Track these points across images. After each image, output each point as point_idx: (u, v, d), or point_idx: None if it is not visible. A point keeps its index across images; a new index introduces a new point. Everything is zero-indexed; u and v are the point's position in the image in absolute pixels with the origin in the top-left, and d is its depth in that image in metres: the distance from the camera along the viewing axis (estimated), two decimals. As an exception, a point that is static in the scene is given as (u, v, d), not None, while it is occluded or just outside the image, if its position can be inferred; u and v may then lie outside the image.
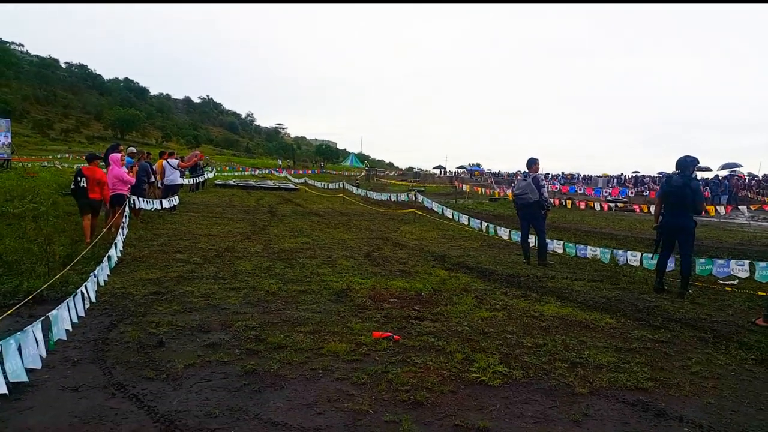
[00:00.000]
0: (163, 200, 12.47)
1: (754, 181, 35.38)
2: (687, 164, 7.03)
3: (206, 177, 26.33)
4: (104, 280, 5.90)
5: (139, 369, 3.81)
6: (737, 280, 7.48)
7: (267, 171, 48.86)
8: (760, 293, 6.93)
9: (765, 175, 38.00)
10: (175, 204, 13.60)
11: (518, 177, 9.45)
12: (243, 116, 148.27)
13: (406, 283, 6.84)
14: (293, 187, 30.88)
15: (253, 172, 45.11)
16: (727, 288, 7.36)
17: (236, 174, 41.50)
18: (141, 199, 10.89)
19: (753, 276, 7.11)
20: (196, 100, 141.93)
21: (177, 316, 5.07)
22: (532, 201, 8.80)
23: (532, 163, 9.06)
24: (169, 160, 14.96)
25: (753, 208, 17.19)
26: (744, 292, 7.13)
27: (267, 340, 4.46)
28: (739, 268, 7.21)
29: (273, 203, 19.81)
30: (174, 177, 14.96)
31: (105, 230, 8.50)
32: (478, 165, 67.08)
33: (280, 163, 70.11)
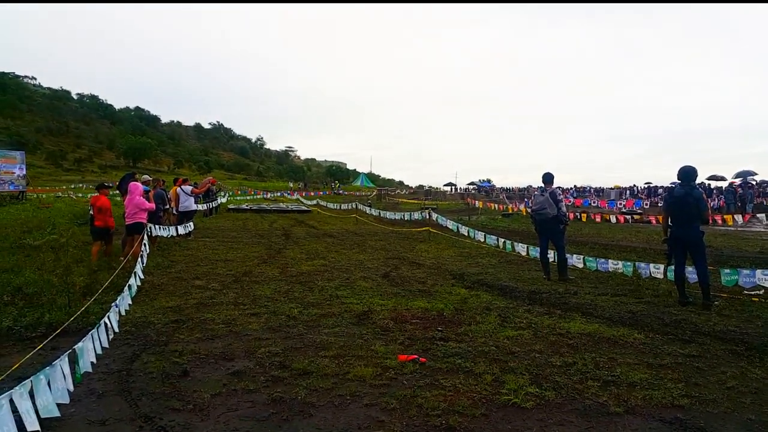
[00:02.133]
0: (179, 227, 12.52)
1: (770, 189, 34.97)
2: (688, 174, 6.98)
3: (219, 202, 26.49)
4: (125, 310, 5.89)
5: (165, 400, 3.77)
6: (763, 290, 7.33)
7: (279, 194, 49.12)
8: (789, 303, 6.77)
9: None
10: (191, 230, 13.65)
11: (535, 192, 9.37)
12: (253, 140, 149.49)
13: (427, 303, 6.76)
14: (306, 209, 30.97)
15: (265, 196, 45.34)
16: (753, 299, 7.20)
17: (248, 198, 41.73)
18: (158, 226, 10.94)
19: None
20: (206, 126, 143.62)
21: (200, 344, 5.03)
22: (550, 216, 8.72)
23: (550, 178, 9.00)
24: (182, 186, 15.05)
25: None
26: (772, 302, 6.97)
27: (292, 367, 4.40)
28: (765, 278, 7.06)
29: (287, 226, 19.84)
30: (188, 203, 15.04)
31: (123, 260, 8.52)
32: (489, 181, 67.01)
33: (291, 185, 70.49)
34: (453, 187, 67.29)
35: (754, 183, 36.07)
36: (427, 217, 18.25)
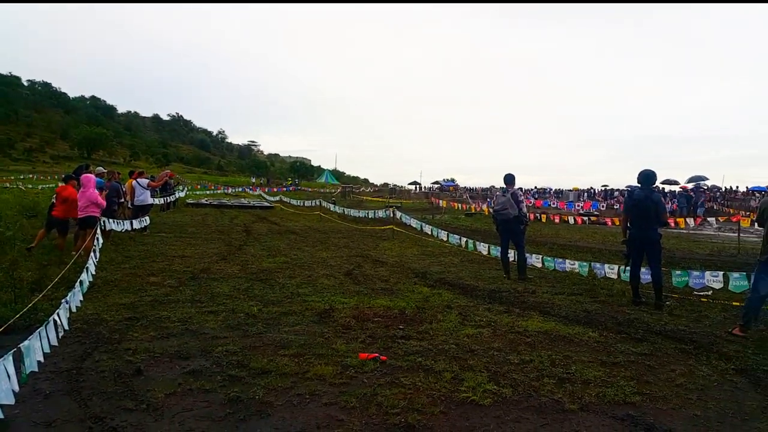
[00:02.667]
0: (134, 221, 12.19)
1: (719, 193, 36.39)
2: (648, 177, 7.17)
3: (177, 196, 25.94)
4: (76, 306, 5.69)
5: (117, 399, 3.66)
6: (711, 291, 7.60)
7: (240, 189, 48.41)
8: (734, 303, 7.04)
9: (729, 187, 39.14)
10: (147, 225, 13.31)
11: (497, 193, 9.50)
12: (214, 133, 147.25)
13: (389, 302, 6.77)
14: (268, 205, 30.61)
15: (225, 191, 44.62)
16: (702, 299, 7.47)
17: (208, 193, 40.99)
18: (111, 220, 10.63)
19: (727, 286, 7.23)
20: (165, 117, 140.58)
21: (154, 343, 4.90)
22: (511, 216, 8.85)
23: (512, 179, 9.13)
24: (138, 179, 14.67)
25: (721, 220, 17.63)
26: (719, 302, 7.24)
27: (250, 366, 4.34)
28: (714, 279, 7.33)
29: (248, 222, 19.57)
30: (144, 197, 14.66)
31: (75, 254, 8.25)
32: (453, 180, 67.62)
33: (253, 180, 69.61)
34: (417, 186, 67.58)
35: (705, 188, 37.49)
36: (391, 215, 18.28)
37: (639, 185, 7.26)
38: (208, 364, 4.40)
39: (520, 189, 45.51)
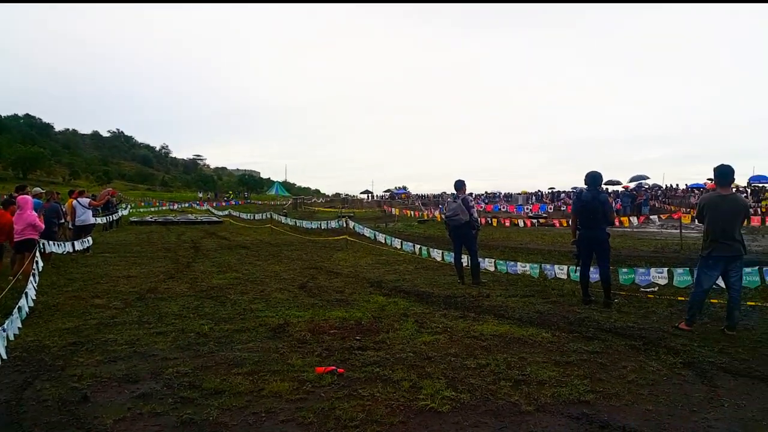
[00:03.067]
0: (76, 242, 11.73)
1: (660, 192, 37.99)
2: (595, 179, 7.38)
3: (120, 214, 25.19)
4: (14, 334, 5.39)
5: (62, 429, 3.47)
6: (657, 287, 7.89)
7: (187, 204, 47.46)
8: (679, 298, 7.32)
9: (669, 185, 40.92)
10: (89, 245, 12.86)
11: (448, 199, 9.60)
12: (157, 149, 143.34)
13: (345, 313, 6.72)
14: (217, 219, 30.09)
15: (171, 207, 43.60)
16: (649, 295, 7.73)
17: (153, 209, 39.97)
18: (51, 242, 10.17)
19: (672, 282, 7.50)
20: (105, 134, 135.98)
21: (101, 367, 4.69)
22: (463, 222, 8.95)
23: (461, 185, 9.24)
24: (79, 199, 14.13)
25: (663, 217, 18.37)
26: (665, 298, 7.51)
27: (202, 386, 4.20)
28: (659, 276, 7.61)
29: (196, 238, 19.14)
30: (86, 217, 14.12)
31: (12, 279, 7.83)
32: (404, 188, 68.14)
33: (200, 195, 68.24)
34: (370, 195, 67.76)
35: (647, 186, 39.08)
36: (344, 225, 18.22)
37: (586, 187, 7.44)
38: (159, 386, 4.24)
39: (471, 194, 46.43)
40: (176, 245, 16.49)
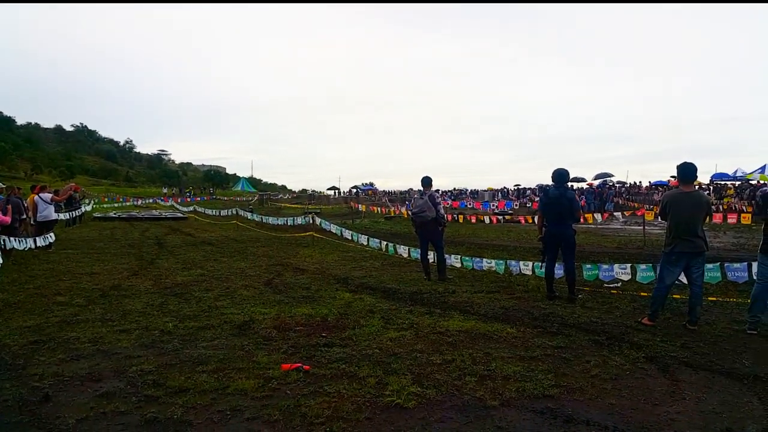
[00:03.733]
0: (37, 238, 11.41)
1: (624, 189, 38.89)
2: (562, 176, 7.49)
3: (83, 210, 24.56)
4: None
5: (23, 430, 3.37)
6: (620, 283, 8.08)
7: (151, 200, 46.60)
8: (642, 294, 7.51)
9: (633, 182, 41.91)
10: (51, 241, 12.53)
11: (415, 195, 9.65)
12: (121, 143, 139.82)
13: (311, 309, 6.69)
14: (182, 215, 29.61)
15: (135, 203, 42.71)
16: (612, 291, 7.91)
17: (117, 205, 39.11)
18: (12, 238, 9.87)
19: (635, 278, 7.69)
20: (68, 128, 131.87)
21: (63, 366, 4.57)
22: (430, 218, 9.01)
23: (429, 181, 9.30)
24: (41, 194, 13.75)
25: (627, 214, 18.81)
26: (628, 293, 7.69)
27: (167, 384, 4.13)
28: (622, 272, 7.80)
29: (160, 234, 18.79)
30: (48, 212, 13.76)
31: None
32: (371, 184, 68.09)
33: (165, 191, 67.00)
34: (336, 191, 67.50)
35: (611, 183, 39.96)
36: (311, 221, 18.14)
37: (553, 184, 7.55)
38: (122, 385, 4.15)
39: (438, 191, 46.73)
40: (140, 241, 16.18)
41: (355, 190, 64.31)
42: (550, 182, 7.69)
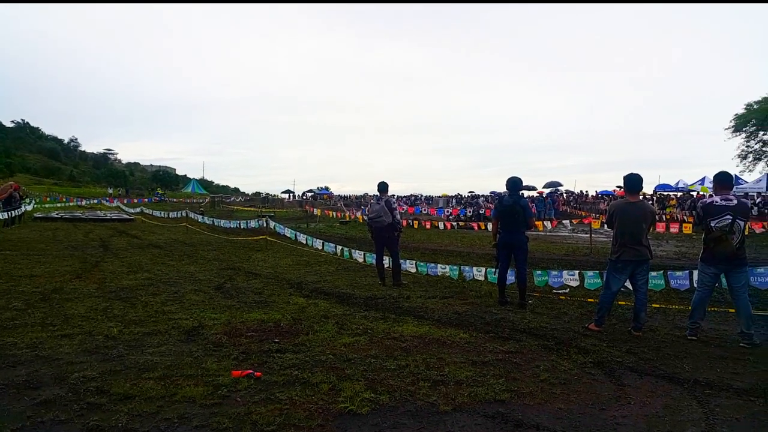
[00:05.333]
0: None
1: (572, 198, 40.02)
2: (515, 184, 7.65)
3: (24, 210, 23.50)
4: None
5: (-54, 445, 3.17)
6: (569, 289, 8.28)
7: (96, 201, 45.09)
8: (589, 300, 7.71)
9: (580, 191, 43.20)
10: (-14, 242, 11.89)
11: (371, 200, 9.65)
12: (65, 141, 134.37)
13: (264, 315, 6.58)
14: (128, 217, 28.74)
15: (79, 203, 41.19)
16: (561, 297, 8.10)
17: (59, 205, 37.63)
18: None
19: (583, 284, 7.88)
20: (8, 124, 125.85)
21: (-3, 374, 4.33)
22: (386, 223, 9.02)
23: (385, 187, 9.31)
24: (-24, 192, 13.07)
25: (574, 222, 19.34)
26: (576, 299, 7.89)
27: (111, 391, 3.96)
28: (571, 278, 8.00)
29: (105, 236, 18.16)
30: (-17, 212, 13.09)
31: None
32: (327, 188, 67.82)
33: (110, 191, 64.93)
34: (291, 195, 66.89)
35: (560, 192, 41.07)
36: (264, 225, 17.88)
37: (507, 191, 7.69)
38: (63, 392, 3.96)
39: (394, 196, 46.96)
40: (84, 243, 15.58)
41: (310, 194, 63.91)
42: (503, 189, 7.83)
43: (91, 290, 8.13)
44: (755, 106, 39.36)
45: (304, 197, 62.35)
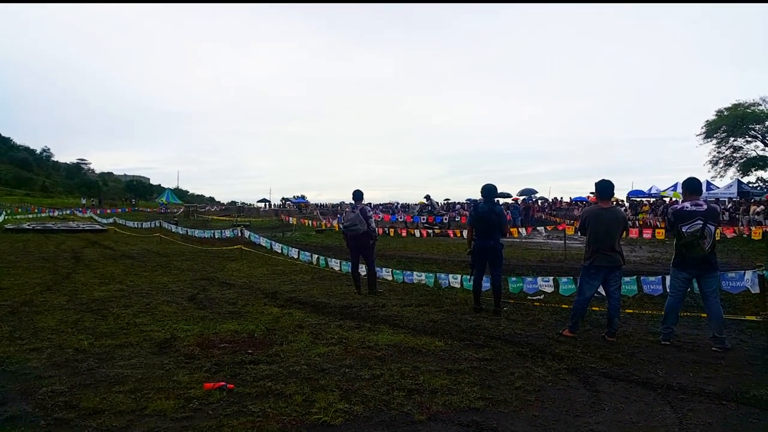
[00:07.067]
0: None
1: (546, 204, 40.51)
2: (490, 191, 7.71)
3: (-8, 221, 22.95)
4: None
5: None
6: (544, 295, 8.35)
7: (69, 211, 44.27)
8: (563, 306, 7.79)
9: (554, 198, 43.74)
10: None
11: (347, 209, 9.64)
12: (38, 151, 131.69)
13: (237, 325, 6.51)
14: (101, 228, 28.29)
15: (51, 213, 40.39)
16: (536, 303, 8.16)
17: (31, 216, 36.87)
18: None
19: (557, 290, 7.96)
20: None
21: (-40, 390, 4.21)
22: (361, 232, 9.01)
23: (360, 195, 9.31)
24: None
25: (548, 229, 19.56)
26: (550, 306, 7.96)
27: (80, 406, 3.89)
28: (545, 284, 8.07)
29: (77, 247, 17.83)
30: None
31: None
32: (303, 197, 67.58)
33: (83, 202, 63.82)
34: (267, 204, 66.43)
35: (534, 199, 41.54)
36: (239, 234, 17.71)
37: (483, 199, 7.74)
38: (30, 408, 3.87)
39: (370, 204, 46.94)
40: (55, 255, 15.27)
41: (286, 203, 63.57)
42: (477, 197, 7.89)
43: (62, 302, 7.97)
44: (726, 113, 40.43)
45: (281, 206, 61.96)
